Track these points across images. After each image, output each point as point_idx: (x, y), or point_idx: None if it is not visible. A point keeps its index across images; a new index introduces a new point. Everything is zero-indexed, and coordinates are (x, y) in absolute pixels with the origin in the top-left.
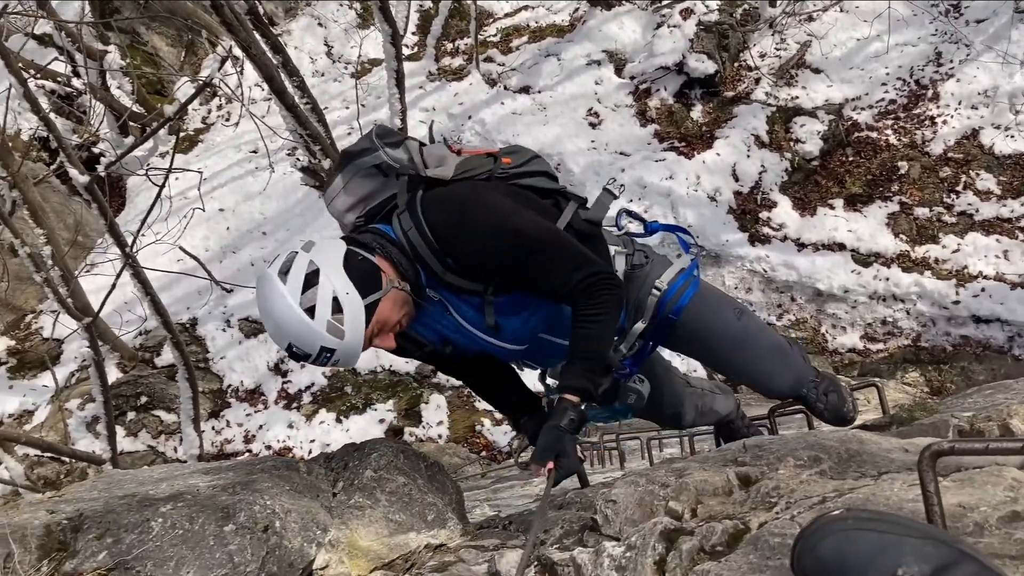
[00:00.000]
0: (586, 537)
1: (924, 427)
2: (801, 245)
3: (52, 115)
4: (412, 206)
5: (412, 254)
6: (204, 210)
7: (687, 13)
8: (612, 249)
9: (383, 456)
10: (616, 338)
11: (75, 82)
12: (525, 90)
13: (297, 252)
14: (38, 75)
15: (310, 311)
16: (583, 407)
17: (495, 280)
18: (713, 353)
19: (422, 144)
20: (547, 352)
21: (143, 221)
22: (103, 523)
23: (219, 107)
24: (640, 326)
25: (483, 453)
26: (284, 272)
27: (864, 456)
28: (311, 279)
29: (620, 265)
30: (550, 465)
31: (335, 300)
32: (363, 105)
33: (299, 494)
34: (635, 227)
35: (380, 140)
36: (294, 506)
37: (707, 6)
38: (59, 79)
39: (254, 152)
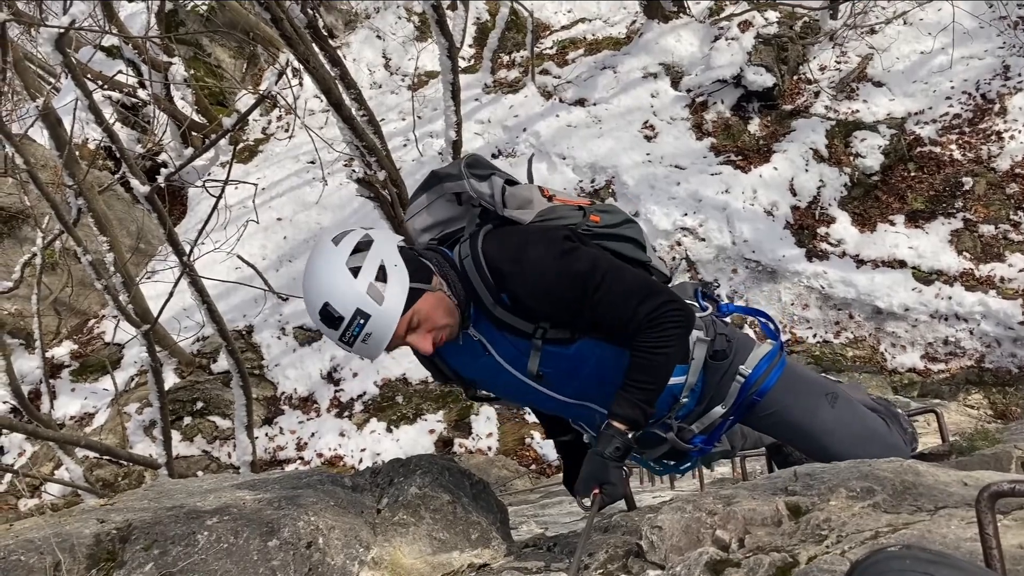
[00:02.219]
0: (631, 563)
1: (985, 458)
2: (860, 262)
3: (117, 125)
4: (474, 237)
5: (465, 283)
6: (258, 222)
7: (746, 26)
8: (694, 335)
9: (428, 473)
10: (680, 419)
11: (140, 93)
12: (580, 103)
13: (355, 229)
14: (105, 86)
15: (355, 271)
16: (631, 435)
17: (548, 322)
18: (804, 439)
19: (510, 182)
20: (591, 418)
21: (200, 231)
22: (151, 534)
23: (278, 118)
24: (720, 410)
25: (532, 466)
26: (337, 240)
27: (920, 489)
28: (362, 246)
29: (700, 354)
30: (595, 491)
31: (382, 268)
32: (419, 117)
33: (343, 510)
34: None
35: (468, 170)
36: (337, 522)
37: (766, 19)
38: (125, 90)
39: (312, 163)
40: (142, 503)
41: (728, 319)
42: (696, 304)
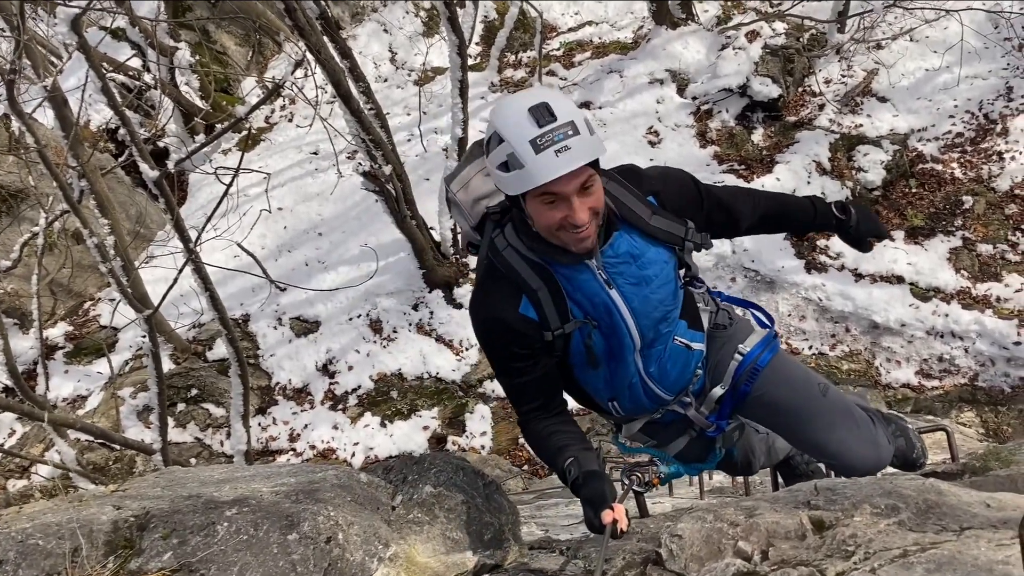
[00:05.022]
0: (649, 570)
1: (1000, 479)
2: (858, 275)
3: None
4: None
5: (610, 213)
6: (271, 211)
7: (753, 36)
8: (699, 306)
9: (443, 472)
10: (693, 399)
11: (146, 77)
12: (586, 105)
13: None
14: (113, 69)
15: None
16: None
17: (692, 220)
18: (794, 424)
19: None
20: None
21: (208, 218)
22: (169, 523)
23: (282, 107)
24: (719, 391)
25: (525, 467)
26: None
27: (944, 508)
28: None
29: (705, 323)
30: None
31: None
32: (425, 112)
33: (360, 506)
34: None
35: None
36: (356, 519)
37: (774, 29)
38: (130, 73)
39: (315, 154)
40: (155, 491)
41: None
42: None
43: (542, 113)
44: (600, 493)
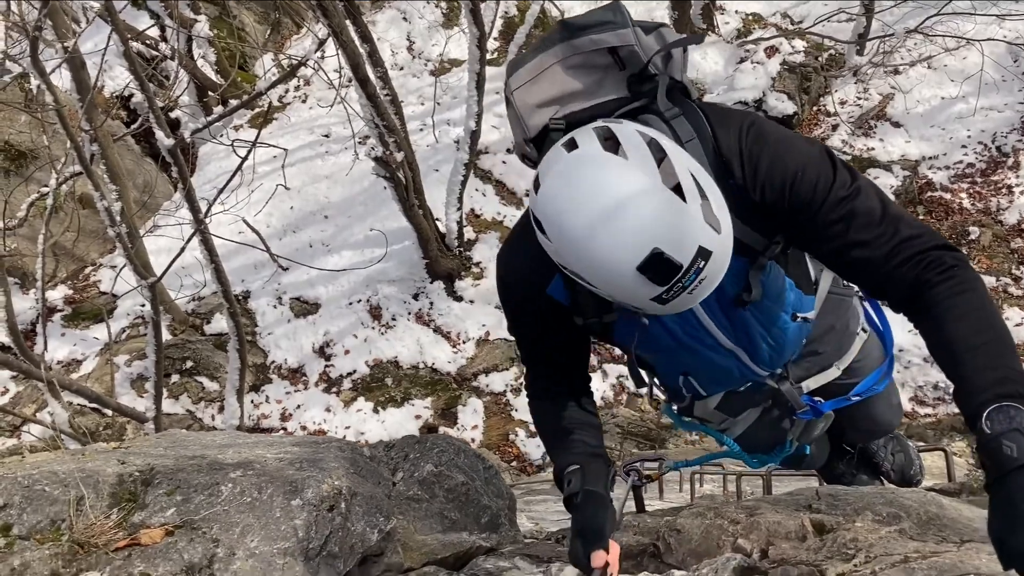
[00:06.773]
0: (646, 563)
1: None
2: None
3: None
4: (692, 114)
5: None
6: (287, 187)
7: (772, 51)
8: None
9: (445, 452)
10: (789, 371)
11: (162, 47)
12: None
13: (606, 124)
14: (132, 37)
15: (677, 190)
16: None
17: (786, 233)
18: (869, 412)
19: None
20: (726, 371)
21: (220, 189)
22: (174, 480)
23: (297, 88)
24: (835, 372)
25: (514, 462)
26: (611, 145)
27: (944, 520)
28: (656, 148)
29: (825, 284)
30: None
31: (694, 178)
32: (439, 103)
33: (363, 478)
34: None
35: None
36: (360, 490)
37: (793, 46)
38: (147, 43)
39: (326, 136)
40: (158, 450)
41: None
42: None
43: (659, 270)
44: (596, 526)
